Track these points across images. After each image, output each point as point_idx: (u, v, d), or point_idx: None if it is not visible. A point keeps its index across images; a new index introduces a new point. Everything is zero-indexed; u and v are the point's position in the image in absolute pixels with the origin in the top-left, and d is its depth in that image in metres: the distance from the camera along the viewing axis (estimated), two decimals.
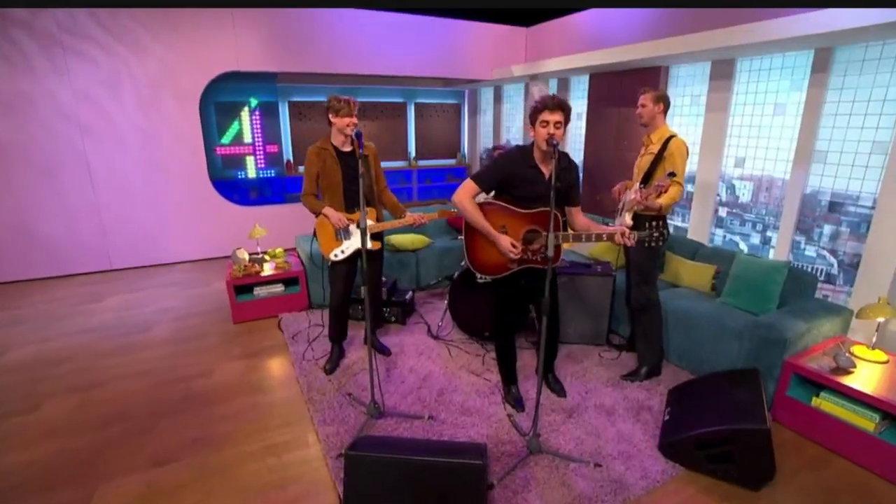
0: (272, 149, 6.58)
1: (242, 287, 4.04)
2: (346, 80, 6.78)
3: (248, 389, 3.09)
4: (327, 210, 2.95)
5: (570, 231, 2.47)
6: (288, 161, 6.91)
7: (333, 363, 3.27)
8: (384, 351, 3.49)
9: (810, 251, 3.73)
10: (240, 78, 5.95)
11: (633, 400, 2.98)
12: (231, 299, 3.96)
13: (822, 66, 3.49)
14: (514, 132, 7.37)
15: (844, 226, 3.51)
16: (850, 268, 3.48)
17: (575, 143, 6.12)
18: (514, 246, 2.45)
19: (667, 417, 2.69)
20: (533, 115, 2.38)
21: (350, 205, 2.98)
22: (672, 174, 2.72)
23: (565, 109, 2.33)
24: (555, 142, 2.23)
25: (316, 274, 4.15)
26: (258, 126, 6.40)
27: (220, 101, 6.11)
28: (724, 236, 4.44)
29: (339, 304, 3.17)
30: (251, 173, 6.49)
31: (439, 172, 8.36)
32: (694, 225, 4.59)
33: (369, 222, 2.92)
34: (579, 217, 2.61)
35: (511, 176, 2.48)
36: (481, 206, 2.53)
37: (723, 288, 3.46)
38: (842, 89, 3.43)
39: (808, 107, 3.60)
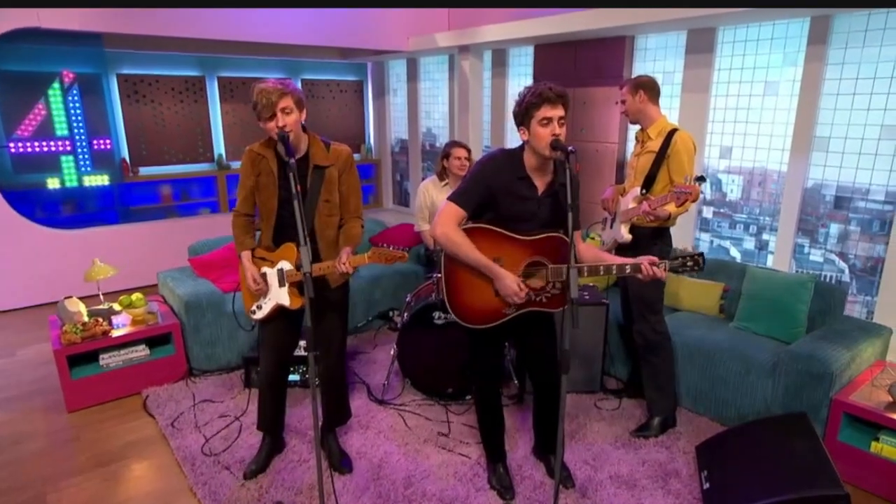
0: (102, 144, 5.81)
1: (80, 356, 3.56)
2: (205, 47, 6.17)
3: None
4: (244, 258, 2.71)
5: (583, 263, 2.34)
6: (123, 160, 6.17)
7: (260, 463, 2.85)
8: (342, 467, 2.88)
9: (816, 255, 3.98)
10: (43, 38, 5.14)
11: (654, 463, 2.95)
12: (62, 375, 3.43)
13: (819, 36, 3.72)
14: (437, 118, 7.26)
15: (854, 224, 3.77)
16: (864, 273, 3.74)
17: (515, 131, 6.10)
18: (520, 288, 2.32)
19: (706, 486, 2.66)
20: (526, 113, 2.29)
21: (281, 238, 2.64)
22: (702, 178, 2.77)
23: (567, 101, 2.29)
24: (569, 148, 2.13)
25: (199, 323, 3.80)
26: (78, 111, 5.61)
27: (10, 70, 5.27)
28: (712, 242, 4.62)
29: (267, 379, 2.83)
30: (70, 180, 5.71)
31: None
32: (674, 230, 4.70)
33: (287, 266, 2.63)
34: (579, 243, 2.52)
35: (497, 189, 2.38)
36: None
37: (734, 310, 3.55)
38: (843, 64, 3.69)
39: (805, 85, 3.82)
